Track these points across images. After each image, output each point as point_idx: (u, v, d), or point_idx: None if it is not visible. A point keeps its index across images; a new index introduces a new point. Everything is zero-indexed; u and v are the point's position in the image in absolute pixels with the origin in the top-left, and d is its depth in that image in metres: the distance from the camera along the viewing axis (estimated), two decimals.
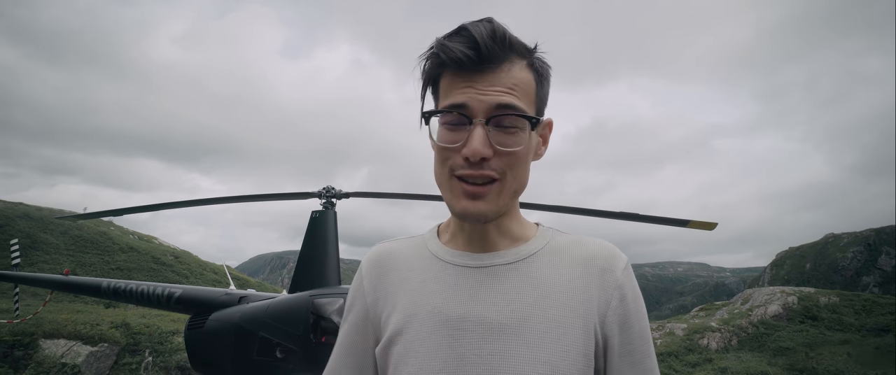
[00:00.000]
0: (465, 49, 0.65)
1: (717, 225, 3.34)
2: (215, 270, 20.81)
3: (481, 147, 0.65)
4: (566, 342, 0.68)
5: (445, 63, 0.67)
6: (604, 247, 0.75)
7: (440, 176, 0.72)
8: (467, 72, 0.66)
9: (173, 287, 4.56)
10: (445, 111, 0.68)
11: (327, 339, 3.29)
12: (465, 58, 0.65)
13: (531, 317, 0.69)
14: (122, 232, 21.62)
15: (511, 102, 0.66)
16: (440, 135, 0.70)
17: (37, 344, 8.09)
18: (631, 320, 0.72)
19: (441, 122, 0.70)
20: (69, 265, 15.58)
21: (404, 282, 0.77)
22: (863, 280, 44.04)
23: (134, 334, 9.41)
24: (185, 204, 4.57)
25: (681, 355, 14.91)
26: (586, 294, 0.71)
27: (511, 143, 0.67)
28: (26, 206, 20.67)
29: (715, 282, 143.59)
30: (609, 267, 0.73)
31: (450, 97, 0.68)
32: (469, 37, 0.65)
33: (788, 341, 15.17)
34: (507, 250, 0.75)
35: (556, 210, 3.55)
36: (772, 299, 17.98)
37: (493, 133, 0.67)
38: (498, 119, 0.67)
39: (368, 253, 0.86)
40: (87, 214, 5.79)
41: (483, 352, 0.68)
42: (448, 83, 0.69)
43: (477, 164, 0.67)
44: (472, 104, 0.66)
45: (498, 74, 0.67)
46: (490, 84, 0.66)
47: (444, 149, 0.69)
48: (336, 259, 3.87)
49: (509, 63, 0.67)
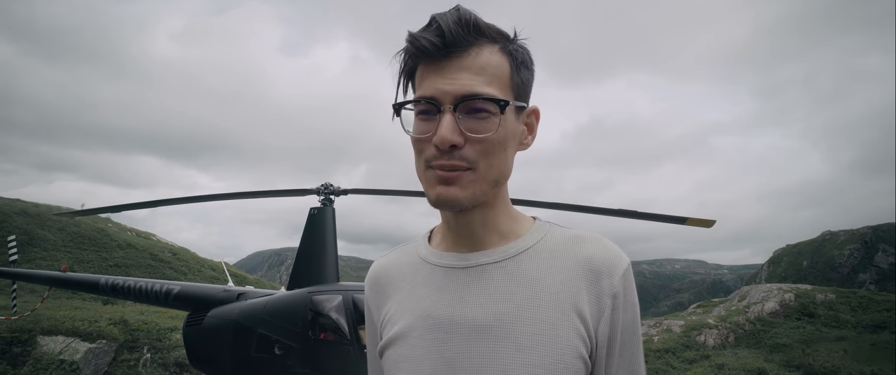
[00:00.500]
0: (432, 37, 0.64)
1: (714, 222, 3.34)
2: (213, 267, 20.80)
3: (449, 134, 0.64)
4: (560, 345, 0.65)
5: (416, 54, 0.66)
6: (604, 249, 0.71)
7: (418, 168, 0.71)
8: (436, 60, 0.66)
9: (171, 283, 4.55)
10: (413, 101, 0.67)
11: (325, 336, 3.29)
12: (431, 46, 0.64)
13: (521, 319, 0.66)
14: (119, 228, 21.58)
15: (478, 88, 0.65)
16: (415, 127, 0.69)
17: (35, 341, 8.09)
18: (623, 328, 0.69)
19: (415, 114, 0.69)
20: (67, 261, 15.55)
21: (398, 292, 0.77)
22: (859, 277, 44.28)
23: (132, 330, 9.41)
24: (183, 200, 4.56)
25: (678, 351, 14.98)
26: (579, 296, 0.67)
27: (481, 129, 0.65)
28: (23, 203, 20.60)
29: (712, 279, 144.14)
30: (607, 272, 0.69)
31: (421, 88, 0.67)
32: (436, 25, 0.65)
33: (785, 338, 15.25)
34: (495, 248, 0.72)
35: (554, 207, 3.55)
36: (769, 296, 18.06)
37: (463, 120, 0.65)
38: (466, 104, 0.65)
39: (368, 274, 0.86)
40: (85, 211, 5.78)
41: (472, 355, 0.66)
42: (420, 75, 0.68)
43: (447, 153, 0.65)
44: (439, 92, 0.65)
45: (464, 59, 0.65)
46: (457, 69, 0.65)
47: (418, 141, 0.68)
48: (334, 256, 3.87)
49: (478, 47, 0.66)
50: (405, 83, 0.72)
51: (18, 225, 16.77)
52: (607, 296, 0.68)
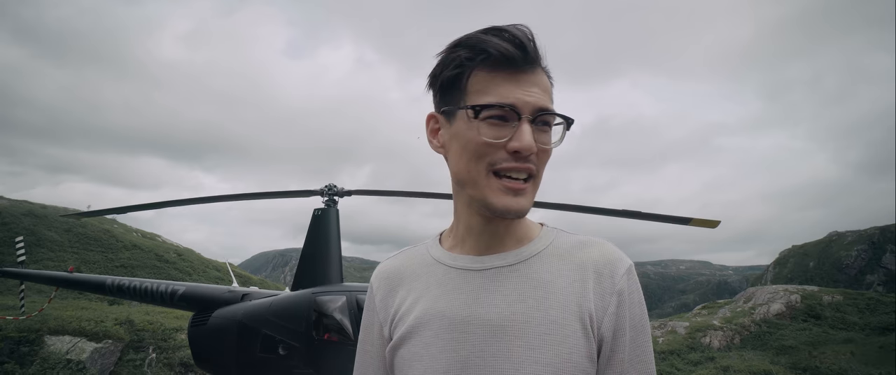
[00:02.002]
0: (512, 47, 0.67)
1: (719, 223, 3.33)
2: (218, 268, 20.90)
3: (532, 141, 0.68)
4: (568, 344, 0.68)
5: (490, 58, 0.67)
6: (606, 251, 0.75)
7: (473, 172, 0.71)
8: (509, 69, 0.68)
9: (177, 284, 4.58)
10: (496, 105, 0.67)
11: (329, 336, 3.30)
12: (516, 55, 0.67)
13: (532, 319, 0.69)
14: (125, 229, 21.74)
15: (549, 104, 0.70)
16: (482, 131, 0.69)
17: (42, 341, 8.15)
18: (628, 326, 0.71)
19: (484, 118, 0.69)
20: (73, 262, 15.67)
21: (410, 292, 0.79)
22: (867, 278, 43.85)
23: (138, 331, 9.47)
24: (188, 201, 4.59)
25: (683, 353, 14.89)
26: (585, 296, 0.71)
27: (547, 141, 0.72)
28: (30, 204, 20.79)
29: (717, 281, 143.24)
30: (608, 272, 0.72)
31: (491, 93, 0.68)
32: (512, 36, 0.68)
33: (791, 340, 15.13)
34: (510, 252, 0.76)
35: (560, 208, 3.54)
36: (775, 297, 17.93)
37: (534, 131, 0.69)
38: (542, 117, 0.69)
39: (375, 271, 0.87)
40: (91, 212, 5.82)
41: (485, 354, 0.69)
42: (485, 79, 0.69)
43: (525, 158, 0.69)
44: (520, 101, 0.68)
45: (534, 76, 0.70)
46: (531, 84, 0.69)
47: (487, 145, 0.69)
48: (338, 256, 3.88)
49: (540, 67, 0.71)
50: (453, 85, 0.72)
51: (26, 226, 16.93)
52: (610, 294, 0.71)
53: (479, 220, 0.75)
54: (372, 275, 0.88)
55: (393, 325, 0.80)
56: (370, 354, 0.85)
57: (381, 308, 0.83)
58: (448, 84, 0.72)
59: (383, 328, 0.82)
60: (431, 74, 0.75)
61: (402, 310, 0.78)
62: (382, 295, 0.83)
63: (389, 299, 0.82)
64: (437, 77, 0.74)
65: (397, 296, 0.81)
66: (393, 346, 0.78)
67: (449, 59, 0.71)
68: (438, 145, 0.77)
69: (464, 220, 0.78)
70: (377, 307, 0.83)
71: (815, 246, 50.09)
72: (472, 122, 0.69)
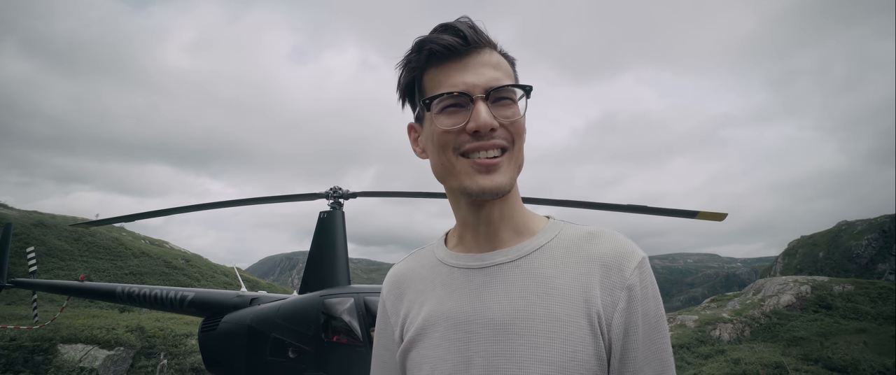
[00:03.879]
0: (451, 37, 0.70)
1: (726, 215, 3.31)
2: (226, 273, 21.03)
3: (489, 117, 0.68)
4: (574, 342, 0.66)
5: (434, 53, 0.70)
6: (616, 243, 0.72)
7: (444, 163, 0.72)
8: (456, 57, 0.71)
9: (186, 290, 4.62)
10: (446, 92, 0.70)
11: (338, 338, 3.32)
12: (456, 43, 0.70)
13: (535, 316, 0.68)
14: (133, 237, 21.92)
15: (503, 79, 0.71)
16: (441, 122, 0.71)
17: (56, 349, 8.25)
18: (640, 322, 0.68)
19: (438, 111, 0.71)
20: (83, 270, 15.83)
21: (417, 294, 0.80)
22: (878, 267, 43.34)
23: (149, 337, 9.56)
24: (195, 208, 4.62)
25: (693, 346, 14.81)
26: (592, 292, 0.68)
27: (511, 114, 0.71)
28: (40, 214, 21.01)
29: (726, 273, 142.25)
30: (617, 266, 0.69)
31: (442, 85, 0.71)
32: (452, 28, 0.71)
33: (802, 330, 14.99)
34: (511, 247, 0.75)
35: (565, 204, 3.53)
36: (784, 288, 17.78)
37: (493, 108, 0.70)
38: (495, 93, 0.70)
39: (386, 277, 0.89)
40: (99, 220, 5.88)
41: (489, 354, 0.69)
42: (435, 75, 0.72)
43: (487, 135, 0.69)
44: (469, 85, 0.70)
45: (482, 57, 0.71)
46: (479, 65, 0.71)
47: (447, 133, 0.71)
48: (345, 258, 3.90)
49: (489, 50, 0.73)
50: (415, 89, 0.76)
51: (36, 236, 17.13)
52: (620, 289, 0.69)
53: (470, 211, 0.76)
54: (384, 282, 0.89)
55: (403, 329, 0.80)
56: (384, 360, 0.86)
57: (393, 313, 0.84)
58: (409, 90, 0.76)
59: (394, 332, 0.83)
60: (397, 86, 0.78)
61: (411, 314, 0.79)
62: (392, 300, 0.84)
63: (399, 304, 0.83)
64: (400, 87, 0.77)
65: (405, 300, 0.82)
66: (403, 350, 0.79)
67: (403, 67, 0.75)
68: (420, 151, 0.80)
69: (459, 216, 0.79)
70: (389, 312, 0.85)
71: (824, 236, 49.60)
72: (431, 117, 0.72)
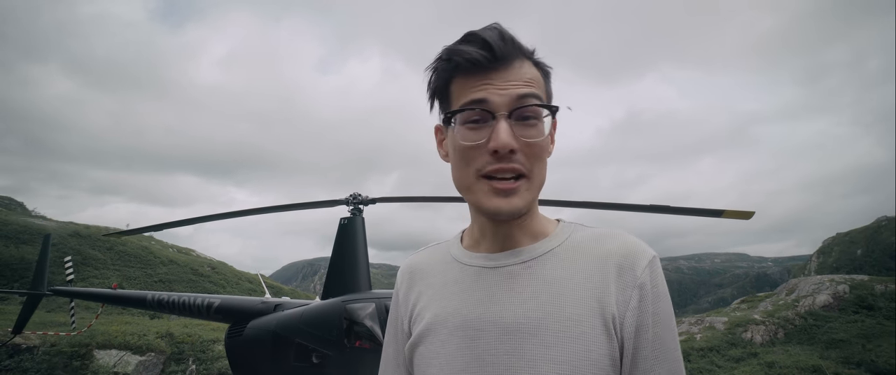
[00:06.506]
0: (479, 50, 0.67)
1: (754, 213, 3.19)
2: (250, 279, 21.51)
3: (509, 138, 0.66)
4: (586, 341, 0.66)
5: (460, 65, 0.68)
6: (626, 243, 0.72)
7: (465, 178, 0.72)
8: (482, 71, 0.68)
9: (212, 297, 4.74)
10: (467, 107, 0.69)
11: (361, 344, 3.34)
12: (481, 57, 0.67)
13: (547, 316, 0.68)
14: (162, 245, 22.67)
15: (530, 92, 0.68)
16: (462, 136, 0.70)
17: (92, 355, 8.58)
18: (650, 321, 0.68)
19: (461, 123, 0.70)
20: (116, 279, 16.44)
21: (429, 288, 0.80)
22: None
23: (178, 343, 9.83)
24: (221, 216, 4.75)
25: (723, 350, 14.31)
26: (603, 291, 0.68)
27: (534, 134, 0.69)
28: (76, 225, 21.97)
29: (756, 273, 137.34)
30: (629, 265, 0.69)
31: (467, 96, 0.69)
32: (480, 39, 0.68)
33: (841, 332, 14.31)
34: (523, 249, 0.75)
35: (588, 206, 3.48)
36: (820, 288, 17.03)
37: (516, 126, 0.68)
38: (520, 111, 0.68)
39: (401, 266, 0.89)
40: (130, 230, 6.10)
41: (500, 352, 0.68)
42: (461, 85, 0.70)
43: (505, 158, 0.67)
44: (492, 99, 0.67)
45: (512, 71, 0.69)
46: (506, 79, 0.68)
47: (467, 149, 0.69)
48: (366, 264, 3.93)
49: (520, 61, 0.70)
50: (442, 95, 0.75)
51: (72, 246, 17.91)
52: (632, 287, 0.69)
53: (488, 222, 0.75)
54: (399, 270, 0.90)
55: (411, 320, 0.81)
56: (393, 347, 0.87)
57: (403, 301, 0.85)
58: (439, 95, 0.75)
59: (404, 322, 0.83)
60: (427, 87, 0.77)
61: (420, 306, 0.80)
62: (404, 289, 0.85)
63: (409, 293, 0.84)
64: (430, 89, 0.76)
65: (415, 291, 0.82)
66: (412, 344, 0.79)
67: (434, 71, 0.73)
68: (444, 154, 0.79)
69: (477, 222, 0.79)
70: (400, 300, 0.86)
71: (862, 233, 47.28)
72: (455, 129, 0.71)
